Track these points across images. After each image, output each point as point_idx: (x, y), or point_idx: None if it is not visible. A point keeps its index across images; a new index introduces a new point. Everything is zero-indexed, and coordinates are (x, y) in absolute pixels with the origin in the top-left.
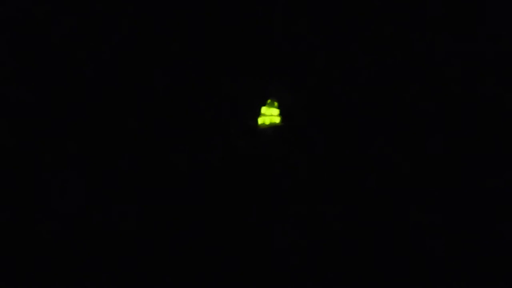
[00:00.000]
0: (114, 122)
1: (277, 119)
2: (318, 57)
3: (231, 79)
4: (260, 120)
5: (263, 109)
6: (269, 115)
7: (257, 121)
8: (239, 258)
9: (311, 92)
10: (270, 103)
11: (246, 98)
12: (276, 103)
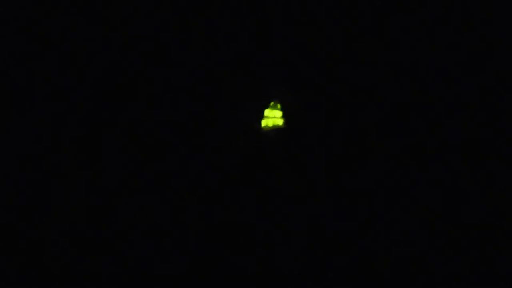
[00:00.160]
0: (118, 123)
1: (280, 121)
2: (322, 59)
3: (235, 81)
4: (263, 122)
5: (266, 111)
6: (272, 117)
7: (260, 123)
8: (239, 260)
9: (314, 94)
10: (273, 105)
11: (250, 100)
12: (279, 105)
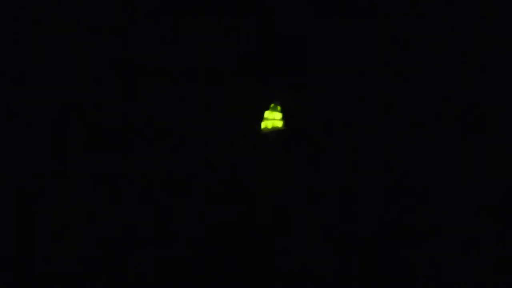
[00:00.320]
0: (115, 124)
1: (280, 123)
2: (322, 61)
3: (235, 83)
4: (263, 125)
5: (266, 113)
6: (272, 119)
7: (260, 125)
8: (238, 263)
9: (314, 96)
10: (273, 107)
11: (250, 102)
12: (279, 107)
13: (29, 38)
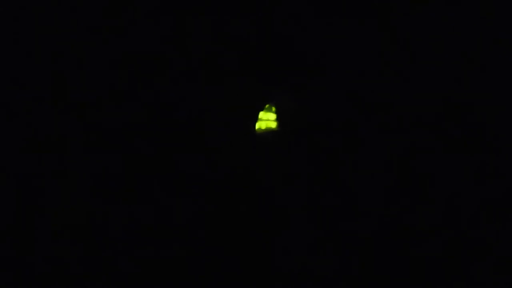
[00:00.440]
0: (110, 126)
1: (273, 124)
2: (321, 62)
3: (230, 83)
4: (257, 125)
5: (261, 114)
6: (266, 120)
7: (255, 126)
8: (238, 263)
9: (310, 98)
10: (268, 108)
11: (244, 103)
12: (274, 108)
13: (29, 38)
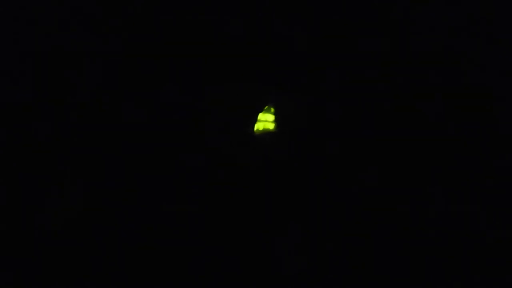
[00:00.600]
0: (107, 128)
1: (271, 125)
2: (319, 62)
3: (229, 84)
4: (255, 126)
5: (259, 115)
6: (264, 121)
7: (253, 128)
8: (238, 263)
9: (309, 98)
10: (267, 109)
11: (243, 104)
12: (273, 109)
13: (29, 38)
